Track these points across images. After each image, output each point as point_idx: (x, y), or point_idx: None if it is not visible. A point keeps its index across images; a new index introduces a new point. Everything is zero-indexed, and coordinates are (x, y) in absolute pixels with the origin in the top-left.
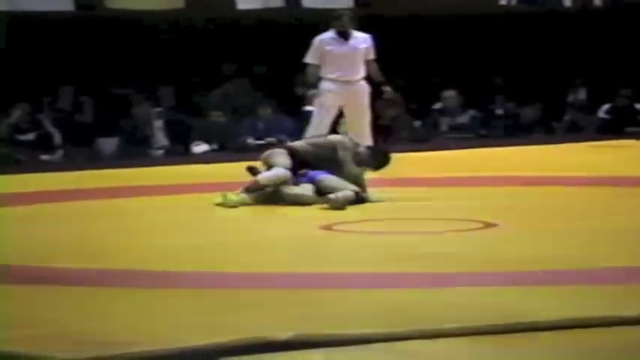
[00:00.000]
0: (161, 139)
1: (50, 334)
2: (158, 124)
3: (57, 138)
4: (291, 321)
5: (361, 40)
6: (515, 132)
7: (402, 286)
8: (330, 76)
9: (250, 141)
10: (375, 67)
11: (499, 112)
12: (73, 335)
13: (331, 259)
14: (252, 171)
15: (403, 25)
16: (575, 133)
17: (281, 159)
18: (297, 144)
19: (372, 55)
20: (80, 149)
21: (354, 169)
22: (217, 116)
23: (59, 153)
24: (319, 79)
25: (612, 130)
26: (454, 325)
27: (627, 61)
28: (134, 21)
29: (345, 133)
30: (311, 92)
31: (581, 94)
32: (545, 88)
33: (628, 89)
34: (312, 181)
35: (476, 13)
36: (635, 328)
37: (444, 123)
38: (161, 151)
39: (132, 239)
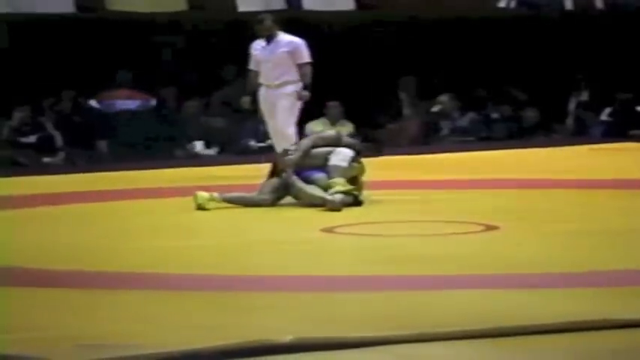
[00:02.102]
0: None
1: (51, 336)
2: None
3: (58, 140)
4: (293, 324)
5: (283, 43)
6: (517, 135)
7: (403, 288)
8: (260, 80)
9: (252, 143)
10: (303, 70)
11: (494, 115)
12: (74, 338)
13: (332, 262)
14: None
15: (403, 28)
16: (579, 135)
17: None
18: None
19: (301, 59)
20: (82, 151)
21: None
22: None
23: (61, 155)
24: (259, 84)
25: (615, 133)
26: (455, 328)
27: (629, 64)
28: (135, 23)
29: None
30: (243, 99)
31: (584, 97)
32: (547, 91)
33: (628, 93)
34: (306, 180)
35: (475, 17)
36: (635, 330)
37: (445, 126)
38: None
39: (133, 242)
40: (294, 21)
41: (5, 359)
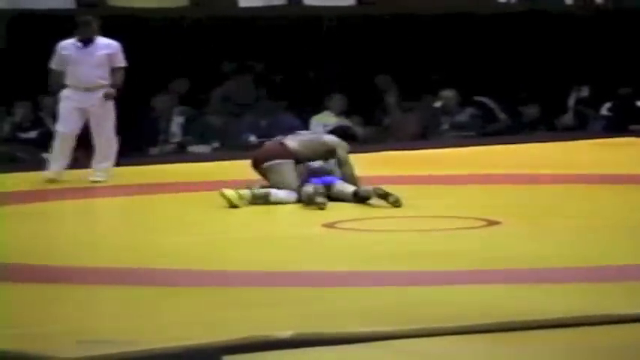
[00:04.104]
0: (177, 135)
1: (52, 332)
2: (178, 120)
3: None
4: (293, 319)
5: (102, 46)
6: (517, 130)
7: (404, 284)
8: (68, 82)
9: (252, 139)
10: (117, 74)
11: (497, 111)
12: (76, 334)
13: (333, 257)
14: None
15: (403, 24)
16: (580, 130)
17: (291, 177)
18: (292, 145)
19: (119, 62)
20: (81, 147)
21: (350, 168)
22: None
23: None
24: (63, 85)
25: (615, 127)
26: (456, 324)
27: (629, 59)
28: (136, 19)
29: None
30: (47, 99)
31: (584, 92)
32: (546, 87)
33: (628, 88)
34: (323, 184)
35: (475, 12)
36: (636, 325)
37: (444, 121)
38: (172, 146)
39: (133, 237)
40: (295, 16)
41: (6, 355)
